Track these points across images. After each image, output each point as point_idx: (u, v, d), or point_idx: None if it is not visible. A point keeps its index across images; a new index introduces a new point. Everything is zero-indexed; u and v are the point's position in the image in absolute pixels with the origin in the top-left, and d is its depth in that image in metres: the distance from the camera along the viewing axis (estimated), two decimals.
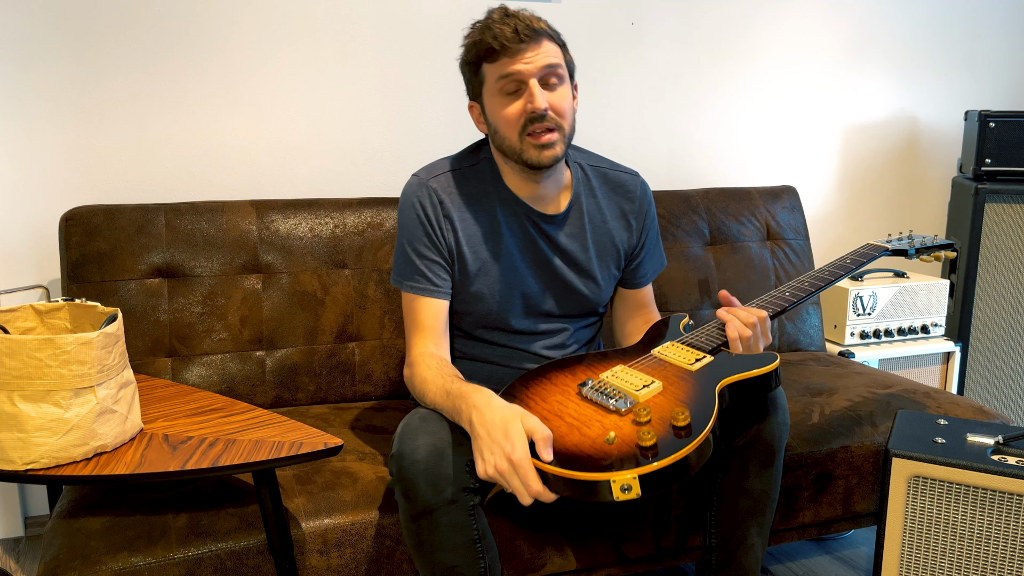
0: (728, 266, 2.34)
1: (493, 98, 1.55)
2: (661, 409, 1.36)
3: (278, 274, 1.98)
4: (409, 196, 1.62)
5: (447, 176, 1.63)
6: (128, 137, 2.09)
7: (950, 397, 2.04)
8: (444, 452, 1.35)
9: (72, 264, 1.85)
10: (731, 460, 1.56)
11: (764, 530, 1.59)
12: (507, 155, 1.58)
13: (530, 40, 1.50)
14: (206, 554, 1.40)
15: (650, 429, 1.28)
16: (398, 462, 1.36)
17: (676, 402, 1.38)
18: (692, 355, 1.51)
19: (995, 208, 2.61)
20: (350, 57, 2.24)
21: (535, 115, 1.51)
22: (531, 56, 1.51)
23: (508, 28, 1.50)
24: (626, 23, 2.49)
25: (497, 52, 1.51)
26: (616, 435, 1.30)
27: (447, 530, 1.37)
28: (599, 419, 1.35)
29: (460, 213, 1.62)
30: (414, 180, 1.63)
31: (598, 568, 1.69)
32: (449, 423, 1.40)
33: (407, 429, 1.39)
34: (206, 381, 1.90)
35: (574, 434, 1.32)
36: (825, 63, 2.75)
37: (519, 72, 1.50)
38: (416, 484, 1.34)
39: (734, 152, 2.70)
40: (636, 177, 1.76)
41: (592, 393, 1.41)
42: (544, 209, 1.65)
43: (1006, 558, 1.54)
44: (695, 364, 1.48)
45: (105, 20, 2.03)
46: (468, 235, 1.62)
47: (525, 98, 1.52)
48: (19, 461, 1.25)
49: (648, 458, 1.24)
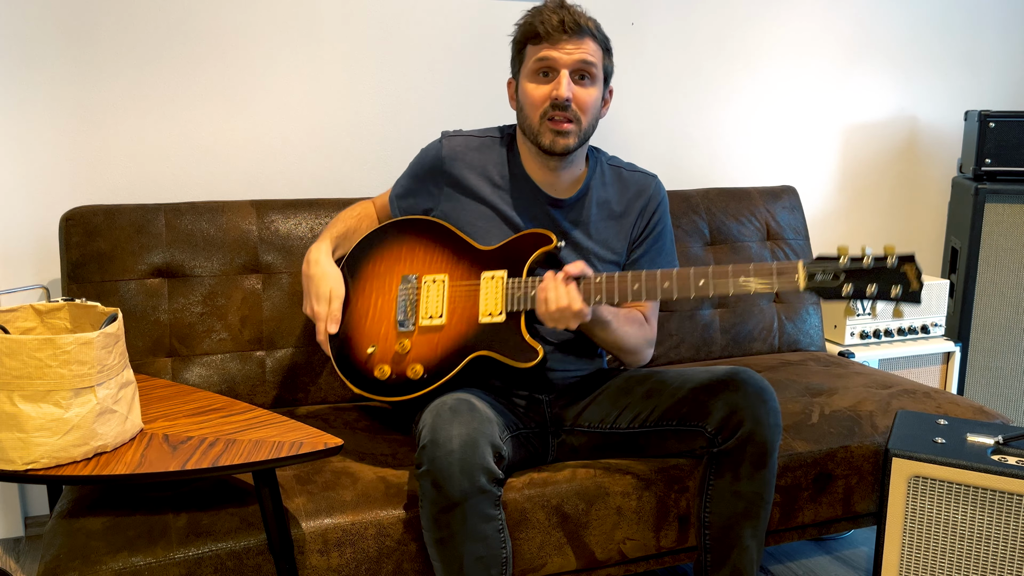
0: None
1: (526, 78, 1.64)
2: (419, 349, 1.62)
3: (278, 274, 1.98)
4: (426, 147, 1.79)
5: (464, 140, 1.76)
6: (128, 137, 2.09)
7: (950, 397, 2.04)
8: (478, 442, 1.40)
9: (72, 264, 1.85)
10: (723, 462, 1.56)
11: (759, 532, 1.60)
12: (526, 134, 1.66)
13: (573, 34, 1.59)
14: (206, 554, 1.40)
15: (393, 364, 1.62)
16: (431, 452, 1.39)
17: (434, 348, 1.61)
18: (497, 304, 1.59)
19: (995, 208, 2.61)
20: (350, 57, 2.24)
21: (558, 102, 1.59)
22: (570, 48, 1.59)
23: (556, 17, 1.59)
24: (626, 23, 2.49)
25: (540, 37, 1.60)
26: (376, 350, 1.65)
27: (476, 520, 1.40)
28: (385, 320, 1.66)
29: (466, 174, 1.72)
30: (437, 139, 1.78)
31: (598, 568, 1.69)
32: (479, 414, 1.45)
33: (439, 420, 1.42)
34: (206, 381, 1.90)
35: (364, 321, 1.68)
36: (825, 63, 2.75)
37: (554, 59, 1.59)
38: (451, 474, 1.37)
39: (734, 152, 2.70)
40: (652, 178, 1.79)
41: (400, 293, 1.67)
42: (554, 193, 1.71)
43: (1006, 558, 1.54)
44: (486, 318, 1.59)
45: (105, 20, 2.03)
46: (467, 196, 1.71)
47: (553, 84, 1.60)
48: (19, 461, 1.25)
49: (368, 384, 1.63)
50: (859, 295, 1.46)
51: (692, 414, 1.59)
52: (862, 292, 1.46)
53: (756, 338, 2.36)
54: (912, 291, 1.43)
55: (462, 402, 1.47)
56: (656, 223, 1.77)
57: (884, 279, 1.45)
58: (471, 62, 2.35)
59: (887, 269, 1.44)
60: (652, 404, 1.65)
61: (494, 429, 1.46)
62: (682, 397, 1.61)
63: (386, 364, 1.63)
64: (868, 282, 1.45)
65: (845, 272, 1.46)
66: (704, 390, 1.59)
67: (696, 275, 1.51)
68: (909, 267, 1.44)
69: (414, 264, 1.70)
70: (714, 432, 1.56)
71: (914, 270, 1.44)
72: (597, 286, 1.54)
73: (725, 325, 2.32)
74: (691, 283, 1.51)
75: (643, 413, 1.66)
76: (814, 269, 1.47)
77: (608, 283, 1.53)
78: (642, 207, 1.76)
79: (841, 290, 1.46)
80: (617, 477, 1.67)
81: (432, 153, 1.76)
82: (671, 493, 1.70)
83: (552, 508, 1.62)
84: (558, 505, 1.62)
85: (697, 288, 1.51)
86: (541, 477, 1.64)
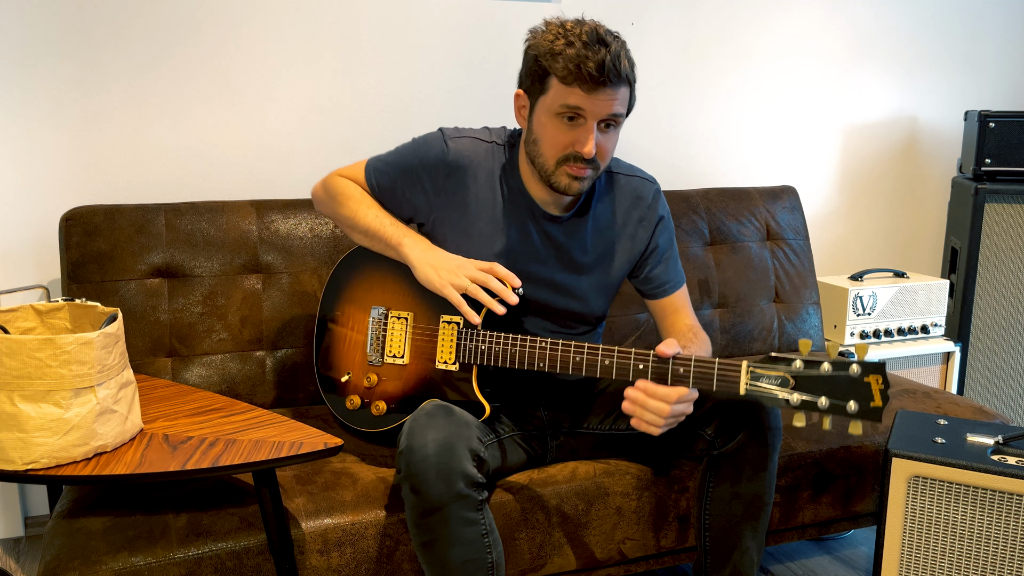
0: (728, 266, 2.35)
1: (548, 115, 1.49)
2: (385, 384, 1.63)
3: (278, 274, 1.98)
4: (426, 140, 1.64)
5: (471, 143, 1.63)
6: (128, 137, 2.09)
7: (950, 397, 2.04)
8: (454, 446, 1.37)
9: (72, 264, 1.85)
10: (723, 464, 1.56)
11: (759, 533, 1.59)
12: (536, 167, 1.55)
13: (611, 84, 1.44)
14: (206, 554, 1.40)
15: (362, 396, 1.64)
16: (407, 458, 1.37)
17: (397, 386, 1.61)
18: (451, 353, 1.57)
19: (995, 208, 2.61)
20: (350, 57, 2.24)
21: (581, 156, 1.49)
22: (605, 99, 1.45)
23: (596, 60, 1.42)
24: (626, 23, 2.49)
25: (574, 79, 1.43)
26: (351, 378, 1.67)
27: (457, 525, 1.38)
28: (359, 349, 1.67)
29: (468, 180, 1.61)
30: (438, 133, 1.64)
31: (598, 568, 1.69)
32: (456, 418, 1.43)
33: (415, 425, 1.40)
34: (206, 381, 1.90)
35: (342, 345, 1.69)
36: (825, 63, 2.75)
37: (585, 111, 1.46)
38: (427, 479, 1.35)
39: (734, 152, 2.70)
40: (649, 184, 1.70)
41: (370, 325, 1.65)
42: (551, 210, 1.63)
43: (1006, 558, 1.54)
44: (441, 364, 1.58)
45: (105, 20, 2.03)
46: (466, 205, 1.61)
47: (578, 134, 1.48)
48: (19, 461, 1.25)
49: (343, 412, 1.66)
50: (807, 407, 1.30)
51: (691, 416, 1.59)
52: (811, 404, 1.29)
53: (756, 338, 2.36)
54: (872, 408, 1.26)
55: (439, 407, 1.45)
56: (658, 233, 1.68)
57: (840, 390, 1.28)
58: (472, 62, 2.35)
59: (847, 377, 1.28)
60: None
61: (472, 432, 1.43)
62: None
63: (356, 395, 1.65)
64: (820, 393, 1.29)
65: (795, 378, 1.31)
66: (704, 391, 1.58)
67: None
68: (874, 379, 1.26)
69: (384, 295, 1.66)
70: (714, 435, 1.56)
71: (879, 383, 1.26)
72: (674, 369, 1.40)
73: (725, 325, 2.32)
74: (631, 366, 1.44)
75: None
76: (760, 371, 1.32)
77: (552, 349, 1.49)
78: (644, 221, 1.67)
79: (788, 400, 1.30)
80: (617, 477, 1.67)
81: (436, 150, 1.62)
82: (671, 493, 1.70)
83: (552, 508, 1.62)
84: (558, 505, 1.62)
85: (636, 372, 1.42)
86: (541, 477, 1.64)
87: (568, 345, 1.50)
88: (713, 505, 1.58)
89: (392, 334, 1.63)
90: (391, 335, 1.63)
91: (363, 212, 1.64)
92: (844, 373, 1.28)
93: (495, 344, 1.53)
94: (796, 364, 1.32)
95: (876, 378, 1.27)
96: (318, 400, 1.99)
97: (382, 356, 1.63)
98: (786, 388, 1.31)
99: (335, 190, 1.69)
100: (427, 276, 1.55)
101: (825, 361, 1.30)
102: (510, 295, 1.50)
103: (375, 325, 1.65)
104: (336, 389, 1.69)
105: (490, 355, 1.53)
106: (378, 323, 1.64)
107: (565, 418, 1.71)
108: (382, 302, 1.66)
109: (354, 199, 1.66)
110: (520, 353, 1.52)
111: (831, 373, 1.29)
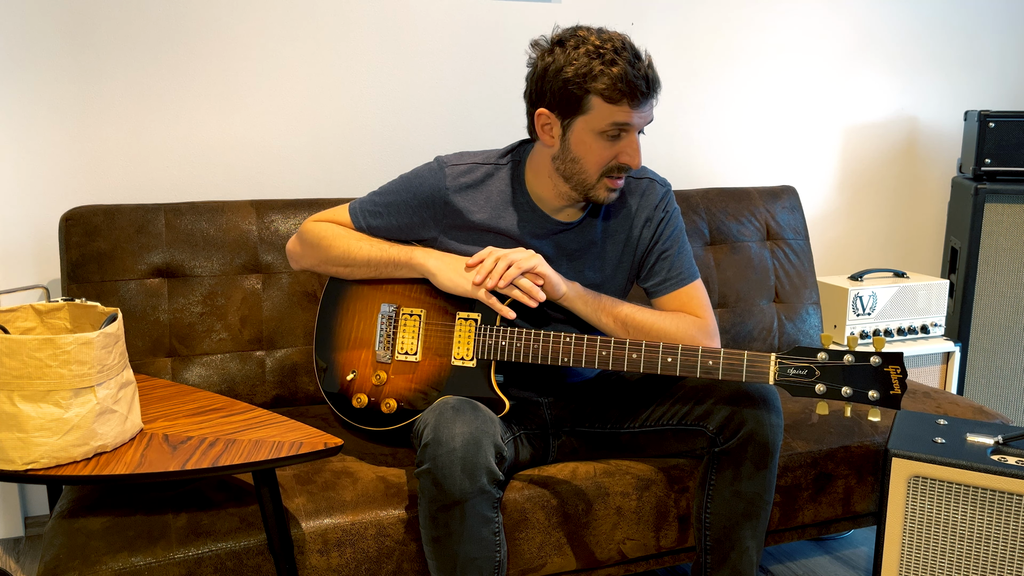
0: (728, 266, 2.35)
1: (591, 134, 1.50)
2: (394, 382, 1.61)
3: (278, 274, 1.98)
4: (418, 174, 1.64)
5: (468, 168, 1.64)
6: (128, 137, 2.09)
7: (950, 397, 2.04)
8: (480, 441, 1.39)
9: (72, 264, 1.85)
10: (724, 462, 1.56)
11: (759, 532, 1.59)
12: (569, 183, 1.56)
13: (652, 95, 1.49)
14: (206, 554, 1.40)
15: (370, 394, 1.62)
16: (433, 450, 1.38)
17: (409, 384, 1.60)
18: (468, 348, 1.56)
19: (995, 208, 2.61)
20: (350, 57, 2.24)
21: (627, 168, 1.53)
22: (648, 109, 1.51)
23: (642, 76, 1.46)
24: (626, 23, 2.49)
25: (624, 97, 1.46)
26: (356, 376, 1.64)
27: (474, 521, 1.40)
28: (366, 346, 1.65)
29: (467, 204, 1.62)
30: (434, 164, 1.64)
31: (598, 568, 1.69)
32: (482, 413, 1.44)
33: (442, 419, 1.41)
34: (206, 381, 1.90)
35: (347, 343, 1.67)
36: (825, 63, 2.75)
37: (633, 125, 1.50)
38: (452, 472, 1.37)
39: (734, 152, 2.70)
40: (659, 185, 1.69)
41: (380, 321, 1.64)
42: (561, 218, 1.64)
43: (1006, 558, 1.54)
44: (457, 361, 1.57)
45: (105, 20, 2.03)
46: (471, 226, 1.62)
47: (622, 146, 1.51)
48: (19, 461, 1.25)
49: (348, 410, 1.65)
50: (832, 396, 1.41)
51: (693, 414, 1.59)
52: (836, 393, 1.41)
53: (756, 338, 2.36)
54: (892, 395, 1.38)
55: (464, 402, 1.46)
56: (665, 234, 1.67)
57: (862, 380, 1.40)
58: (472, 63, 2.35)
59: (869, 368, 1.40)
60: (652, 404, 1.65)
61: (496, 429, 1.45)
62: (683, 397, 1.61)
63: (363, 394, 1.63)
64: (843, 383, 1.41)
65: (820, 369, 1.42)
66: (705, 390, 1.59)
67: (665, 352, 1.48)
68: (894, 368, 1.38)
69: (395, 292, 1.65)
70: (715, 432, 1.56)
71: (898, 372, 1.38)
72: (566, 346, 1.51)
73: (725, 325, 2.32)
74: (659, 359, 1.48)
75: (644, 413, 1.65)
76: (788, 363, 1.43)
77: (577, 344, 1.52)
78: (651, 220, 1.67)
79: (814, 388, 1.42)
80: (617, 477, 1.67)
81: (431, 182, 1.62)
82: (671, 493, 1.70)
83: (552, 508, 1.62)
84: (558, 505, 1.62)
85: (664, 364, 1.48)
86: (541, 477, 1.64)
87: (594, 340, 1.51)
88: (714, 503, 1.58)
89: (404, 331, 1.62)
90: (402, 332, 1.63)
91: (356, 246, 1.64)
92: (865, 363, 1.40)
93: (516, 340, 1.54)
94: (821, 356, 1.42)
95: (895, 368, 1.39)
96: (318, 400, 1.99)
97: (392, 353, 1.63)
98: (812, 378, 1.42)
99: (317, 236, 1.67)
100: (452, 280, 1.56)
101: (848, 353, 1.41)
102: (538, 292, 1.52)
103: (385, 322, 1.64)
104: (340, 388, 1.68)
105: (511, 351, 1.54)
106: (388, 320, 1.64)
107: (568, 417, 1.71)
108: (392, 299, 1.65)
109: (341, 237, 1.65)
110: (544, 348, 1.52)
111: (853, 364, 1.41)
